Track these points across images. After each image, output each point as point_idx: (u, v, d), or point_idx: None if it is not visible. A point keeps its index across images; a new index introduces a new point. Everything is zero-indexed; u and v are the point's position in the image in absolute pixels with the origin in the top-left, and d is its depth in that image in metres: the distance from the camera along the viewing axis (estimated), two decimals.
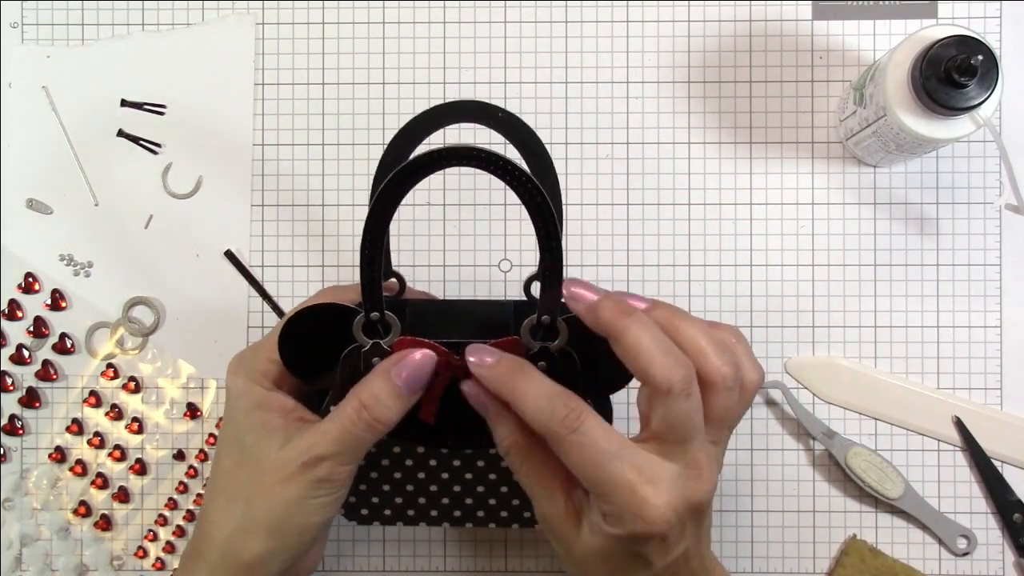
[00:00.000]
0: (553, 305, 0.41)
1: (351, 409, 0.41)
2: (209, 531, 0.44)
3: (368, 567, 0.58)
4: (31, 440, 0.59)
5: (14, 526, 0.58)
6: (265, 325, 0.59)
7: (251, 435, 0.44)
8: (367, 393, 0.41)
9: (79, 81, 0.59)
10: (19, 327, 0.59)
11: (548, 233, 0.39)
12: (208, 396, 0.59)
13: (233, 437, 0.45)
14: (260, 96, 0.59)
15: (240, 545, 0.43)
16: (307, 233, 0.59)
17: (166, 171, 0.59)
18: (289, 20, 0.59)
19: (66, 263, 0.59)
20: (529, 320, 0.42)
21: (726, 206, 0.58)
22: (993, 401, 0.57)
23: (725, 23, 0.58)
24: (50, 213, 0.59)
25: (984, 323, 0.57)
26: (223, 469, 0.45)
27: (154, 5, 0.59)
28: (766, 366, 0.58)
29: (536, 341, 0.42)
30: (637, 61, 0.58)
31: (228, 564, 0.43)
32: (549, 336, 0.42)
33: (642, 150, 0.58)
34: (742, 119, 0.58)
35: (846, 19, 0.58)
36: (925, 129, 0.49)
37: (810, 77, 0.58)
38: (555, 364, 0.43)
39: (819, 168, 0.58)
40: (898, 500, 0.56)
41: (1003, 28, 0.58)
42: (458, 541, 0.58)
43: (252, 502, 0.43)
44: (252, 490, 0.43)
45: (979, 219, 0.58)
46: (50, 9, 0.59)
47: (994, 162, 0.57)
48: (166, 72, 0.59)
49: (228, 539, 0.43)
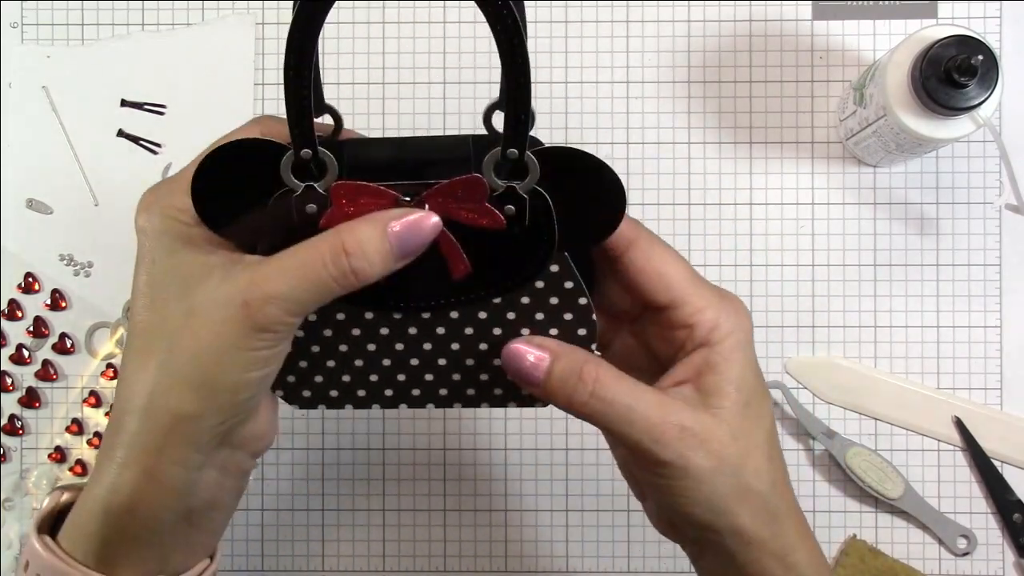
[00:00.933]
0: (521, 136, 0.34)
1: (327, 248, 0.34)
2: (126, 395, 0.36)
3: (368, 567, 0.58)
4: (31, 440, 0.59)
5: (14, 526, 0.58)
6: None
7: (177, 275, 0.36)
8: (352, 238, 0.34)
9: (79, 81, 0.59)
10: (19, 327, 0.59)
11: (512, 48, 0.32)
12: None
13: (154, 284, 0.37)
14: (260, 96, 0.59)
15: (162, 404, 0.35)
16: None
17: (166, 171, 0.59)
18: (289, 20, 0.59)
19: (66, 263, 0.59)
20: (492, 154, 0.35)
21: (726, 206, 0.58)
22: (993, 401, 0.57)
23: (725, 23, 0.58)
24: (50, 213, 0.59)
25: (984, 323, 0.57)
26: (141, 325, 0.36)
27: (154, 5, 0.59)
28: (766, 366, 0.58)
29: (501, 180, 0.35)
30: (637, 61, 0.58)
31: (151, 426, 0.35)
32: (517, 174, 0.35)
33: (642, 150, 0.58)
34: (742, 119, 0.58)
35: (846, 19, 0.58)
36: (925, 129, 0.49)
37: (810, 77, 0.58)
38: (523, 208, 0.36)
39: (819, 168, 0.58)
40: (898, 500, 0.56)
41: (1003, 28, 0.58)
42: (458, 541, 0.58)
43: (174, 352, 0.35)
44: (175, 339, 0.35)
45: (979, 219, 0.58)
46: (50, 9, 0.59)
47: (994, 162, 0.58)
48: (166, 72, 0.59)
49: (149, 399, 0.35)
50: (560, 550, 0.58)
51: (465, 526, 0.58)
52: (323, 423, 0.58)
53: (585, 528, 0.58)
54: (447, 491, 0.58)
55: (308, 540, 0.58)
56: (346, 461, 0.58)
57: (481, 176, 0.35)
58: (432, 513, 0.58)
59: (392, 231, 0.34)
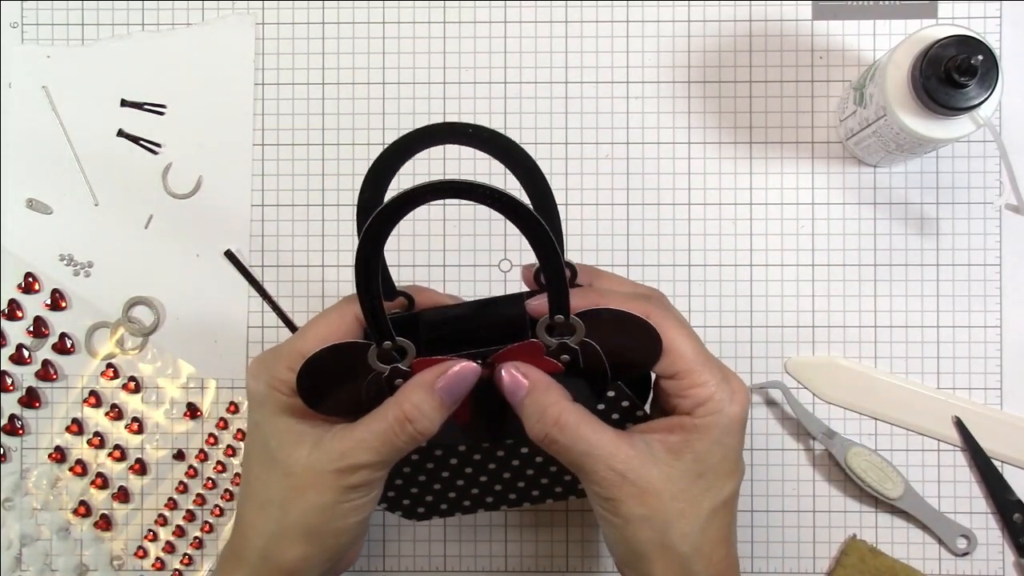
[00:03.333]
0: (563, 306, 0.41)
1: (393, 419, 0.41)
2: (247, 536, 0.44)
3: (368, 567, 0.58)
4: (31, 440, 0.59)
5: (14, 526, 0.58)
6: (265, 325, 0.59)
7: (276, 440, 0.43)
8: (409, 404, 0.41)
9: (79, 81, 0.59)
10: (19, 327, 0.59)
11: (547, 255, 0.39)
12: (208, 396, 0.59)
13: (259, 442, 0.44)
14: (260, 96, 0.59)
15: (278, 551, 0.43)
16: (307, 233, 0.59)
17: (166, 171, 0.59)
18: (289, 20, 0.59)
19: (66, 263, 0.59)
20: (543, 321, 0.41)
21: (726, 206, 0.58)
22: (993, 401, 0.57)
23: (725, 23, 0.58)
24: (50, 213, 0.59)
25: (984, 323, 0.57)
26: (254, 475, 0.44)
27: (154, 5, 0.59)
28: (766, 366, 0.58)
29: (554, 338, 0.42)
30: (637, 61, 0.58)
31: (268, 569, 0.44)
32: (566, 332, 0.42)
33: (642, 150, 0.58)
34: (742, 119, 0.58)
35: (846, 19, 0.58)
36: (925, 129, 0.49)
37: (810, 77, 0.58)
38: (577, 356, 0.43)
39: (819, 168, 0.58)
40: (898, 500, 0.56)
41: (1003, 28, 0.58)
42: (458, 541, 0.58)
43: (286, 508, 0.43)
44: (285, 496, 0.43)
45: (979, 219, 0.58)
46: (50, 9, 0.59)
47: (994, 162, 0.57)
48: (166, 72, 0.59)
49: (266, 545, 0.43)
50: (560, 550, 0.58)
51: (465, 526, 0.58)
52: None
53: (585, 528, 0.58)
54: None
55: None
56: None
57: (537, 340, 0.42)
58: None
59: (439, 387, 0.41)
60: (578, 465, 0.41)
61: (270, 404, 0.44)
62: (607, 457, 0.40)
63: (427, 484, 0.49)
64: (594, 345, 0.43)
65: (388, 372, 0.42)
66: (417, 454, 0.47)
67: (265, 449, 0.44)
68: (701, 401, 0.42)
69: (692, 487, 0.41)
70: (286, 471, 0.43)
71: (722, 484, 0.42)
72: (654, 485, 0.41)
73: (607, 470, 0.40)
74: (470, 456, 0.47)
